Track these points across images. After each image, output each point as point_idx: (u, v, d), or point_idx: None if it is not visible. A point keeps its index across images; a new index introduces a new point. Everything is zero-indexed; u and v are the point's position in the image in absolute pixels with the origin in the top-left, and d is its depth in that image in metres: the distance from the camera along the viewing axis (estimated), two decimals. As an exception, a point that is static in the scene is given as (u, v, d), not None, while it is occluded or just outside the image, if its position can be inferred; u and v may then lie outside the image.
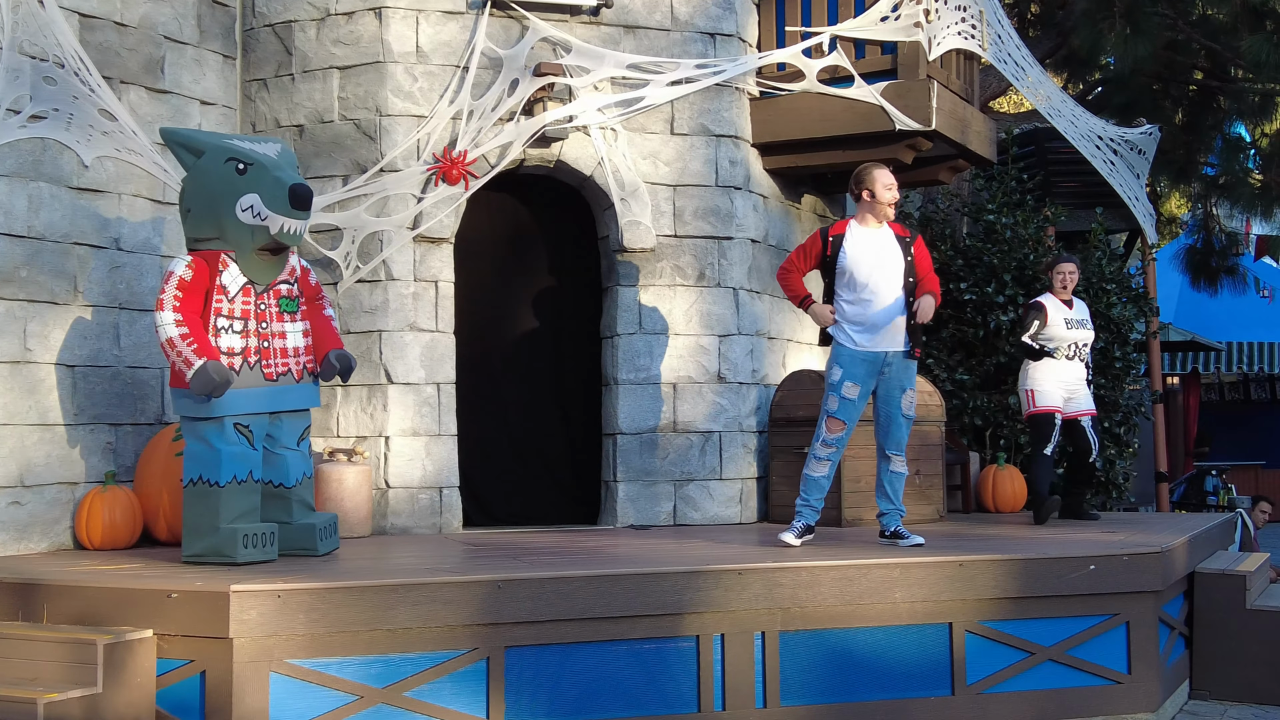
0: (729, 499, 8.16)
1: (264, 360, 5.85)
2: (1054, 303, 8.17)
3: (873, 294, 6.47)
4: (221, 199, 5.72)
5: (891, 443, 6.60)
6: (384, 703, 4.93)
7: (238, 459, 5.69)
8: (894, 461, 6.62)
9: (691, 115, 8.18)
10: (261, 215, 5.69)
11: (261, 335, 5.84)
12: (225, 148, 5.82)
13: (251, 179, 5.71)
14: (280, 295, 5.97)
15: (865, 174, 6.61)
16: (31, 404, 6.47)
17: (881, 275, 6.48)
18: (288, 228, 5.73)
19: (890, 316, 6.47)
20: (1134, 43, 10.68)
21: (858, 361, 6.47)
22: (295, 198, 5.68)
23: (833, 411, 6.49)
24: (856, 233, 6.57)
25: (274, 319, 5.93)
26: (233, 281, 5.77)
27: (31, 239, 6.50)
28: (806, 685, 5.49)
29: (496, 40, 7.77)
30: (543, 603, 5.11)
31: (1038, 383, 8.14)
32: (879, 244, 6.55)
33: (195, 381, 5.50)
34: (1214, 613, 6.79)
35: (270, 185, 5.69)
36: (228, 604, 4.73)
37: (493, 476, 8.26)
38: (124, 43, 7.06)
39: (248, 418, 5.77)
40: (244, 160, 5.75)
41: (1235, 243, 14.22)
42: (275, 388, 5.89)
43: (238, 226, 5.73)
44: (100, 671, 4.69)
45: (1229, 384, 21.11)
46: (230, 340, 5.73)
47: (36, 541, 6.47)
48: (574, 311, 8.45)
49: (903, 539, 6.43)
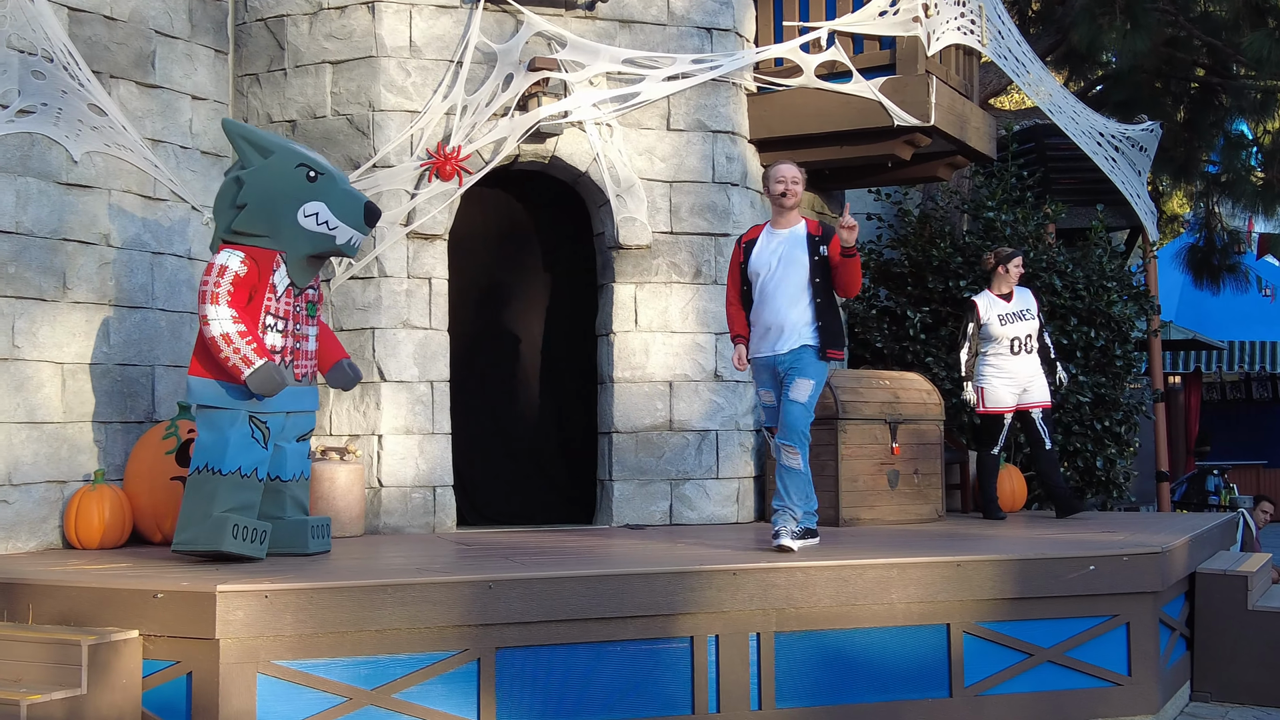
0: (725, 498, 8.09)
1: (296, 361, 5.94)
2: (988, 298, 8.25)
3: (767, 297, 6.24)
4: (284, 201, 5.77)
5: (781, 429, 6.20)
6: (373, 704, 4.86)
7: (245, 451, 5.66)
8: (784, 453, 6.20)
9: (688, 111, 8.11)
10: (331, 225, 5.80)
11: (296, 336, 5.94)
12: (297, 153, 5.92)
13: (321, 188, 5.80)
14: (309, 299, 6.04)
15: (765, 173, 6.45)
16: (19, 401, 6.40)
17: (778, 277, 6.21)
18: (355, 241, 5.92)
19: (781, 318, 6.18)
20: (1133, 38, 10.61)
21: (759, 368, 6.33)
22: (370, 214, 5.90)
23: (765, 423, 6.45)
24: (764, 236, 6.34)
25: (303, 321, 6.01)
26: (281, 282, 5.83)
27: (19, 235, 6.44)
28: (802, 687, 5.42)
29: (490, 34, 7.70)
30: (534, 603, 5.04)
31: (987, 380, 8.23)
32: (783, 245, 6.25)
33: (254, 380, 5.55)
34: (1215, 614, 6.72)
35: (341, 197, 5.84)
36: (214, 604, 4.66)
37: (487, 476, 8.20)
38: (113, 37, 6.99)
39: (267, 415, 5.75)
40: (315, 169, 5.84)
41: (1237, 241, 14.16)
42: (301, 388, 5.99)
43: (296, 230, 5.79)
44: (85, 672, 4.63)
45: (1230, 383, 21.05)
46: (274, 339, 5.80)
47: (24, 541, 6.41)
48: (569, 309, 8.38)
49: (776, 539, 6.00)
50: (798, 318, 6.19)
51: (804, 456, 6.21)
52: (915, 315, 9.74)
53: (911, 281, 10.03)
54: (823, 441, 7.87)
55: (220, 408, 5.70)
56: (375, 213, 5.91)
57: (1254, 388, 21.09)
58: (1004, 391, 8.17)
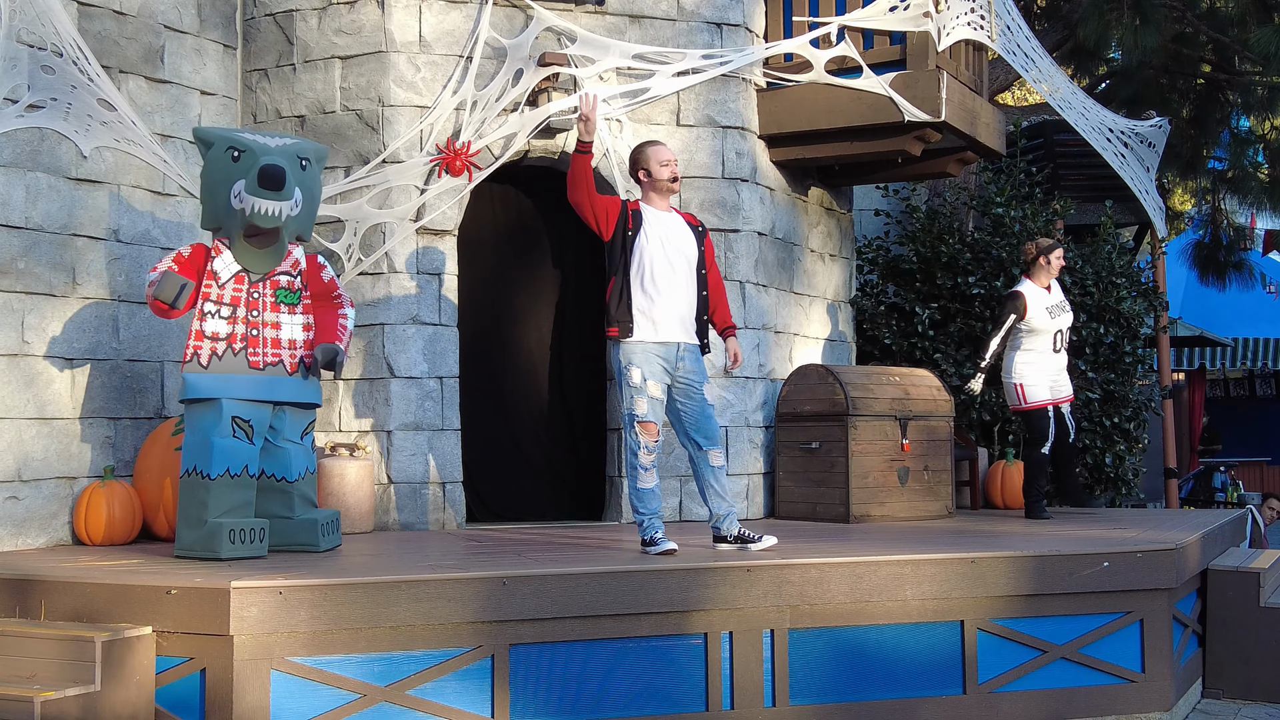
0: (735, 495, 8.06)
1: (250, 348, 5.84)
2: (1034, 290, 7.98)
3: (668, 283, 5.89)
4: (220, 187, 5.79)
5: (706, 437, 6.00)
6: (386, 701, 4.84)
7: (230, 452, 5.64)
8: (713, 455, 6.00)
9: (698, 106, 8.09)
10: (242, 198, 5.69)
11: (251, 323, 5.84)
12: (228, 137, 5.86)
13: (243, 165, 5.73)
14: (279, 286, 5.94)
15: (639, 153, 6.06)
16: (29, 397, 6.38)
17: (677, 262, 5.93)
18: (260, 208, 5.65)
19: (684, 307, 5.94)
20: (1142, 34, 10.58)
21: (652, 357, 5.88)
22: (264, 177, 5.62)
23: (641, 416, 5.84)
24: (650, 215, 5.98)
25: (267, 308, 5.90)
26: (225, 268, 5.81)
27: (29, 230, 6.42)
28: (816, 684, 5.40)
29: (500, 30, 7.68)
30: (548, 600, 5.02)
31: (1026, 377, 7.97)
32: (671, 230, 5.98)
33: (158, 286, 5.63)
34: (1228, 611, 6.70)
35: (251, 169, 5.69)
36: (228, 600, 4.64)
37: (496, 471, 8.18)
38: (123, 31, 6.97)
39: (249, 410, 5.73)
40: (239, 147, 5.77)
41: (1243, 237, 14.13)
42: (265, 377, 5.85)
43: (230, 213, 5.79)
44: (98, 669, 4.60)
45: (1234, 380, 21.03)
46: (216, 325, 5.77)
47: (34, 537, 6.39)
48: (578, 304, 8.36)
49: (753, 542, 5.90)
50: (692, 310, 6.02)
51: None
52: (924, 312, 9.72)
53: (920, 278, 10.00)
54: (833, 438, 7.87)
55: (199, 399, 5.69)
56: (270, 173, 5.58)
57: (1258, 385, 21.07)
58: (1043, 388, 7.96)
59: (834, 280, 9.45)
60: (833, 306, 9.40)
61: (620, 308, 5.87)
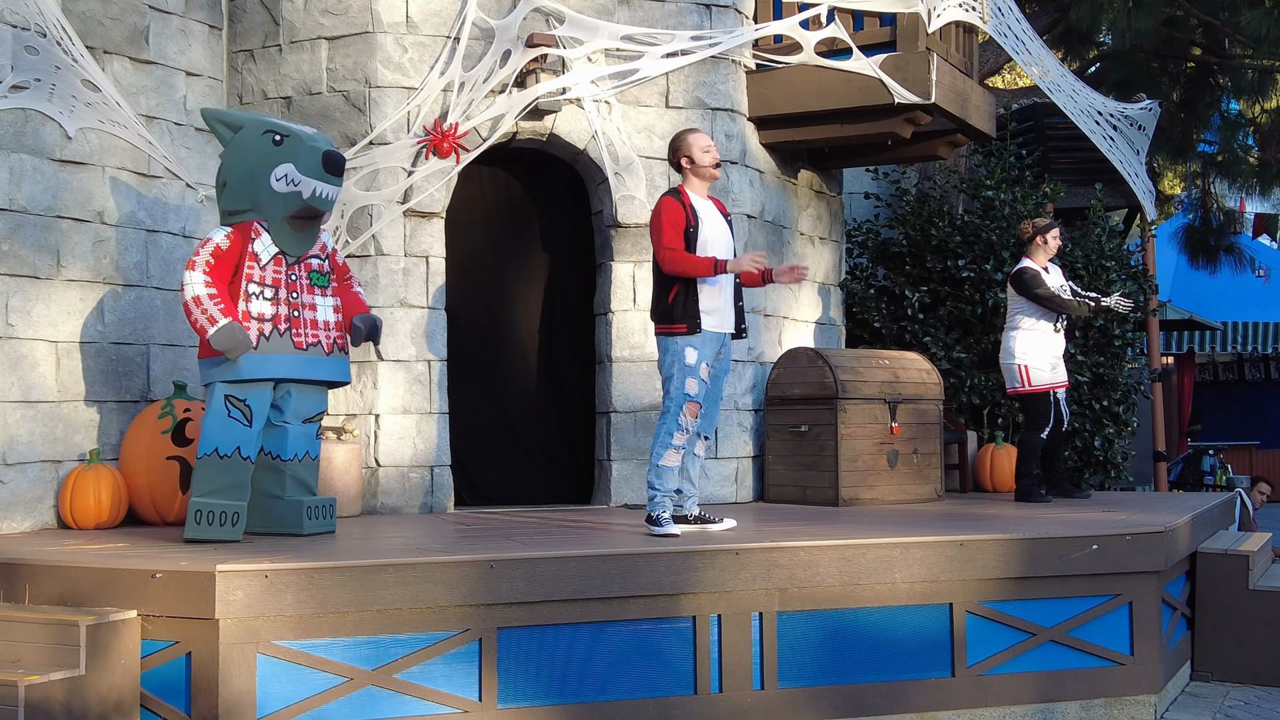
0: (724, 478, 8.06)
1: (294, 329, 5.89)
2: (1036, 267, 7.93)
3: (725, 276, 6.02)
4: (257, 170, 5.81)
5: (710, 426, 6.21)
6: (373, 684, 4.82)
7: (222, 433, 5.63)
8: (700, 444, 6.24)
9: (687, 88, 8.05)
10: (295, 181, 5.78)
11: (292, 305, 5.90)
12: (263, 121, 5.97)
13: (288, 149, 5.81)
14: (311, 269, 6.02)
15: (680, 140, 6.10)
16: (14, 380, 6.34)
17: (727, 254, 6.07)
18: (320, 192, 5.84)
19: (730, 296, 6.11)
20: (1135, 16, 10.55)
21: (708, 342, 6.01)
22: (329, 162, 5.83)
23: (693, 396, 5.98)
24: (700, 208, 6.05)
25: (304, 290, 5.97)
26: (265, 250, 5.83)
27: (13, 212, 6.37)
28: (805, 666, 5.40)
29: (488, 10, 7.63)
30: (536, 583, 5.01)
31: (1030, 358, 7.88)
32: (718, 221, 6.10)
33: (217, 338, 5.55)
34: (1216, 593, 6.71)
35: (306, 153, 5.82)
36: (213, 584, 4.61)
37: (485, 455, 8.16)
38: (107, 12, 6.91)
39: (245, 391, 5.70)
40: (280, 132, 5.85)
41: (1233, 221, 14.13)
42: (306, 357, 5.91)
43: (271, 196, 5.81)
44: (83, 653, 4.58)
45: (1223, 364, 21.06)
46: (261, 306, 5.78)
47: (19, 521, 6.35)
48: (567, 287, 8.33)
49: (713, 523, 6.09)
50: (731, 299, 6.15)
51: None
52: (913, 295, 9.70)
53: (910, 261, 9.98)
54: (822, 421, 7.85)
55: (208, 384, 5.71)
56: (335, 159, 5.85)
57: (1247, 368, 21.10)
58: (1045, 370, 7.87)
59: (824, 263, 9.42)
60: (823, 289, 9.38)
61: (687, 306, 5.97)
